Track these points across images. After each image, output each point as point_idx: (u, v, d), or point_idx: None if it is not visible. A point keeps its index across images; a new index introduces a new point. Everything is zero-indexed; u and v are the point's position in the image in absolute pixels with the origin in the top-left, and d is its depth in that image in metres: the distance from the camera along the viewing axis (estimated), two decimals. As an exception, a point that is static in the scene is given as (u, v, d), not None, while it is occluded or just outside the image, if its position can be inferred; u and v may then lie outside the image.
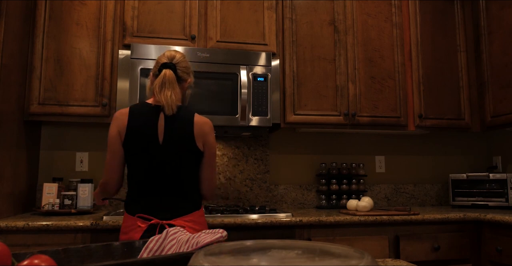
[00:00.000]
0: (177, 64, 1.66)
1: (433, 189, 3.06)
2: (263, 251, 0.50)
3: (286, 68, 2.58)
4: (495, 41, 2.70)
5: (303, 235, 2.14)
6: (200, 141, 1.61)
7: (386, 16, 2.78)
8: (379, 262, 0.93)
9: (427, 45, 2.81)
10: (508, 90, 2.58)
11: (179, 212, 1.56)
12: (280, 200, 2.81)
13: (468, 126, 2.81)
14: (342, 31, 2.69)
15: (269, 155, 2.84)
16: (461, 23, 2.89)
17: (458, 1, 2.91)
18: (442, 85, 2.80)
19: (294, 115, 2.55)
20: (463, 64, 2.85)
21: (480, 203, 2.69)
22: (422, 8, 2.84)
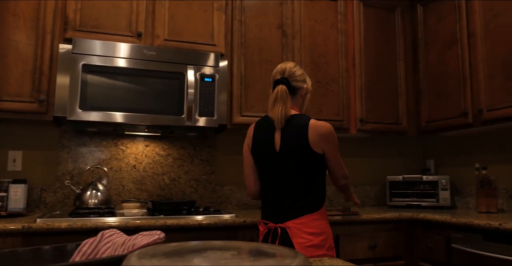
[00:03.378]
0: (289, 76, 1.79)
1: (372, 190, 3.20)
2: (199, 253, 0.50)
3: (234, 70, 2.59)
4: (431, 51, 2.87)
5: (246, 236, 2.15)
6: (317, 145, 1.68)
7: (332, 23, 2.87)
8: (317, 260, 0.96)
9: (369, 52, 2.94)
10: (442, 98, 2.75)
11: (290, 215, 1.65)
12: (225, 201, 2.81)
13: (405, 131, 2.97)
14: (290, 35, 2.74)
15: (215, 156, 2.83)
16: (401, 33, 3.05)
17: (399, 12, 3.07)
18: (382, 91, 2.94)
19: (241, 116, 2.57)
20: (402, 72, 3.01)
21: (414, 203, 2.85)
22: (366, 17, 2.96)
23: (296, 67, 1.81)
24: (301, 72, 1.82)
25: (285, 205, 1.67)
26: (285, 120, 1.70)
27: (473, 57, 2.50)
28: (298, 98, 1.83)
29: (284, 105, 1.70)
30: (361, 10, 2.95)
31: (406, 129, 2.98)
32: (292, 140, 1.68)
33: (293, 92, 1.80)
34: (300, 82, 1.81)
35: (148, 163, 2.68)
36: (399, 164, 3.32)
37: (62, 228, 1.85)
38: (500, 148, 2.68)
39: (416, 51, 3.02)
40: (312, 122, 1.70)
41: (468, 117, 2.52)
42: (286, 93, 1.72)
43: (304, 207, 1.65)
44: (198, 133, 2.61)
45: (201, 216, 2.12)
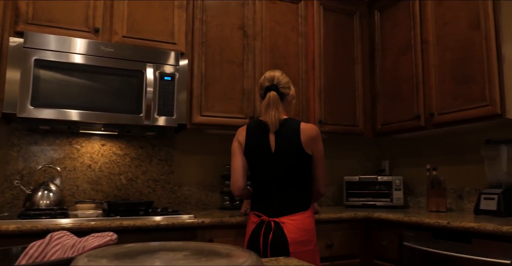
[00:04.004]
0: (278, 83, 1.94)
1: (330, 190, 3.27)
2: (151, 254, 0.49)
3: (195, 69, 2.57)
4: (387, 56, 2.97)
5: (205, 236, 2.14)
6: (308, 146, 1.85)
7: (293, 25, 2.91)
8: (273, 260, 0.96)
9: (329, 55, 3.00)
10: (396, 102, 2.85)
11: (284, 211, 1.81)
12: (184, 201, 2.78)
13: (362, 133, 3.06)
14: (251, 36, 2.75)
15: (174, 156, 2.80)
16: (359, 38, 3.14)
17: (357, 17, 3.16)
18: (340, 93, 3.01)
19: (201, 116, 2.55)
20: (359, 76, 3.10)
21: (369, 203, 2.94)
22: (326, 20, 3.02)
23: (282, 75, 1.97)
24: (287, 80, 1.99)
25: (280, 201, 1.84)
26: (279, 123, 1.87)
27: (426, 63, 2.61)
28: (286, 104, 2.00)
29: (276, 110, 1.87)
30: (321, 14, 3.01)
31: (362, 131, 3.06)
32: (286, 142, 1.85)
33: (281, 98, 1.96)
34: (287, 89, 1.97)
35: (104, 163, 2.60)
36: (356, 165, 3.41)
37: (10, 231, 1.76)
38: (449, 150, 2.82)
39: (373, 55, 3.12)
40: (303, 125, 1.88)
41: (421, 120, 2.63)
42: (277, 99, 1.89)
43: (298, 205, 1.83)
44: (157, 132, 2.57)
45: (158, 217, 2.09)
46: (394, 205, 2.89)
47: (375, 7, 3.12)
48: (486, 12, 2.23)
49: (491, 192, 2.27)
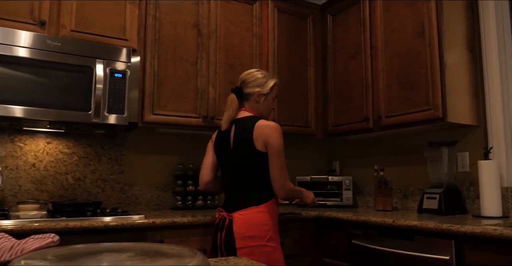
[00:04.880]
0: (243, 83, 2.02)
1: (282, 190, 3.31)
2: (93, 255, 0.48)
3: (147, 67, 2.51)
4: (339, 60, 3.06)
5: (155, 237, 2.10)
6: (259, 142, 1.85)
7: (248, 26, 2.92)
8: (223, 260, 0.96)
9: (283, 57, 3.04)
10: (347, 104, 2.94)
11: (238, 206, 1.85)
12: (134, 202, 2.71)
13: (314, 134, 3.12)
14: (205, 35, 2.73)
15: (124, 155, 2.72)
16: (312, 40, 3.20)
17: (311, 20, 3.22)
18: (293, 95, 3.06)
19: (153, 115, 2.50)
20: (312, 78, 3.16)
21: (320, 203, 3.00)
22: (280, 22, 3.06)
23: (250, 74, 2.02)
24: (255, 79, 2.01)
25: (235, 196, 1.90)
26: (229, 122, 1.96)
27: (375, 67, 2.71)
28: (253, 102, 2.01)
29: (229, 111, 1.97)
30: (276, 16, 3.04)
31: (314, 132, 3.13)
32: (240, 138, 1.90)
33: (246, 97, 2.02)
34: (252, 87, 2.00)
35: (49, 162, 2.49)
36: (308, 165, 3.48)
37: None
38: (396, 151, 2.94)
39: (325, 58, 3.20)
40: (259, 123, 1.89)
41: (369, 122, 2.72)
42: (233, 101, 1.98)
43: (251, 200, 1.84)
44: (107, 131, 2.49)
45: (107, 218, 2.03)
46: (344, 204, 2.98)
47: (328, 11, 3.20)
48: (430, 21, 2.35)
49: (433, 192, 2.40)
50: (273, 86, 2.04)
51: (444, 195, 2.34)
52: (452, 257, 1.80)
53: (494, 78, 2.39)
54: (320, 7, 3.28)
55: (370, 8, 2.79)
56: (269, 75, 2.06)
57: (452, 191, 2.39)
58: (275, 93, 2.08)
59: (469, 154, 2.47)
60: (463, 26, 2.46)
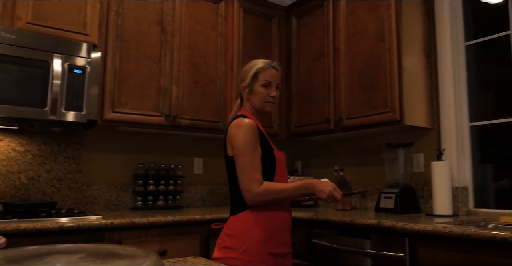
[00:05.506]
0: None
1: (244, 190, 3.31)
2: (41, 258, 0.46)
3: (108, 63, 2.45)
4: (303, 61, 3.10)
5: (113, 238, 2.04)
6: (229, 146, 1.67)
7: (213, 25, 2.90)
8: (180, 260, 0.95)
9: (247, 57, 3.04)
10: (310, 105, 2.99)
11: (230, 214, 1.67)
12: (92, 202, 2.63)
13: (277, 134, 3.15)
14: (169, 32, 2.69)
15: (82, 153, 2.64)
16: (277, 41, 3.23)
17: (276, 21, 3.24)
18: (257, 95, 3.06)
19: (113, 113, 2.44)
20: (276, 78, 3.18)
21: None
22: (245, 22, 3.06)
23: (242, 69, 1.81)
24: (240, 73, 1.81)
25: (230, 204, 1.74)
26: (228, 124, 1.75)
27: (337, 69, 2.77)
28: (245, 100, 1.77)
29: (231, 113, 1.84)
30: (241, 16, 3.04)
31: (277, 132, 3.15)
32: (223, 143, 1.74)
33: (241, 96, 1.79)
34: (240, 82, 1.79)
35: (1, 160, 2.38)
36: (271, 165, 3.50)
37: None
38: (355, 152, 3.01)
39: (289, 59, 3.23)
40: (231, 124, 1.66)
41: (331, 123, 2.78)
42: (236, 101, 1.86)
43: (232, 208, 1.67)
44: (64, 128, 2.41)
45: (63, 218, 1.96)
46: (305, 204, 3.01)
47: (293, 13, 3.23)
48: (390, 26, 2.43)
49: (390, 192, 2.48)
50: (255, 73, 1.72)
51: (400, 195, 2.42)
52: (406, 254, 1.86)
53: (448, 83, 2.50)
54: (285, 8, 3.31)
55: (333, 11, 2.84)
56: (256, 63, 1.76)
57: (407, 190, 2.47)
58: (264, 79, 1.71)
59: (424, 155, 2.56)
60: (420, 32, 2.55)
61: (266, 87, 1.72)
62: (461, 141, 2.45)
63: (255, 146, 1.61)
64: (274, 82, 1.75)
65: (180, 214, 2.35)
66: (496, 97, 2.54)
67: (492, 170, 2.48)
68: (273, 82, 1.74)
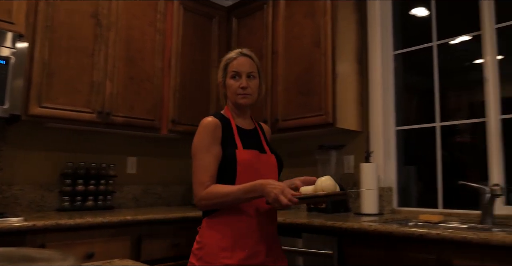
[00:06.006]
0: None
1: (180, 190, 3.27)
2: None
3: (36, 55, 2.30)
4: (241, 62, 3.11)
5: (36, 242, 1.92)
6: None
7: (151, 21, 2.83)
8: (107, 263, 0.92)
9: (186, 55, 3.01)
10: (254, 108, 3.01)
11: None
12: (14, 203, 2.46)
13: (214, 134, 3.14)
14: (105, 26, 2.59)
15: (3, 151, 2.45)
16: (216, 41, 3.22)
17: (216, 21, 3.24)
18: (195, 94, 3.04)
19: (40, 108, 2.29)
20: (215, 78, 3.18)
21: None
22: (185, 20, 3.02)
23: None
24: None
25: None
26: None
27: (275, 72, 2.82)
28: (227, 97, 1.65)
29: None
30: (181, 13, 3.00)
31: (215, 132, 3.14)
32: None
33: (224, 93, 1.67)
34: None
35: None
36: (207, 165, 3.48)
37: None
38: (291, 154, 3.09)
39: (229, 60, 3.23)
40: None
41: (267, 125, 2.82)
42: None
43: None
44: (-17, 123, 2.22)
45: (-22, 221, 1.81)
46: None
47: (234, 14, 3.24)
48: (325, 32, 2.52)
49: (322, 192, 2.56)
50: (224, 65, 1.62)
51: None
52: (335, 251, 1.94)
53: (377, 89, 2.64)
54: (227, 9, 3.31)
55: (273, 14, 2.89)
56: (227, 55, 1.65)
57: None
58: (231, 70, 1.58)
59: (354, 157, 2.69)
60: (354, 40, 2.67)
61: (235, 78, 1.58)
62: (387, 144, 2.60)
63: (208, 146, 1.48)
64: (244, 71, 1.57)
65: (110, 215, 2.27)
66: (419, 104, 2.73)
67: (414, 171, 2.66)
68: (242, 71, 1.57)
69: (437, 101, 2.48)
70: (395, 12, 2.75)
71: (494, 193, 1.97)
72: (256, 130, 1.68)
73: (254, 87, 1.59)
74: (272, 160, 1.60)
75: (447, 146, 2.48)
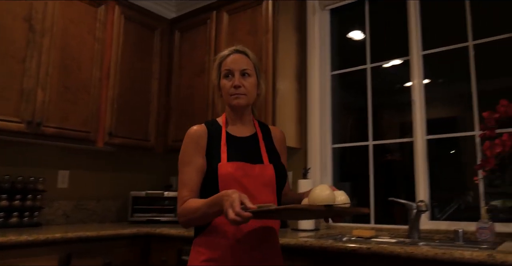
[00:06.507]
0: None
1: (115, 205, 3.14)
2: None
3: (-42, 58, 2.13)
4: (184, 75, 3.10)
5: None
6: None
7: (90, 29, 2.74)
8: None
9: (126, 66, 2.93)
10: (189, 119, 2.98)
11: None
12: None
13: (153, 148, 3.07)
14: (39, 31, 2.46)
15: None
16: (158, 53, 3.17)
17: (159, 33, 3.19)
18: (135, 106, 2.96)
19: (-40, 115, 2.12)
20: (155, 91, 3.12)
21: (154, 219, 2.94)
22: (126, 30, 2.95)
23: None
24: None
25: None
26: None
27: (217, 86, 2.82)
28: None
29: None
30: (122, 23, 2.93)
31: (154, 146, 3.07)
32: None
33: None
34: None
35: None
36: (146, 180, 3.38)
37: None
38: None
39: (171, 72, 3.19)
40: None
41: (208, 139, 2.80)
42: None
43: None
44: None
45: None
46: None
47: (177, 27, 3.22)
48: (267, 50, 2.57)
49: (260, 207, 2.58)
50: (218, 64, 1.49)
51: (269, 210, 2.53)
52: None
53: (315, 107, 2.73)
54: (170, 21, 3.28)
55: (216, 30, 2.91)
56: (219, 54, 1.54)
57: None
58: (225, 68, 1.44)
59: (292, 173, 2.74)
60: (294, 59, 2.76)
61: (228, 77, 1.43)
62: (324, 161, 2.69)
63: (189, 158, 1.38)
64: (237, 69, 1.42)
65: (37, 233, 2.12)
66: (355, 122, 2.86)
67: (349, 187, 2.76)
68: (235, 69, 1.42)
69: (370, 121, 2.61)
70: (333, 35, 2.88)
71: (420, 209, 2.09)
72: (255, 137, 1.49)
73: (249, 86, 1.43)
74: (269, 171, 1.39)
75: (380, 163, 2.61)
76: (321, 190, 1.18)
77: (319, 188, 1.19)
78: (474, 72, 2.29)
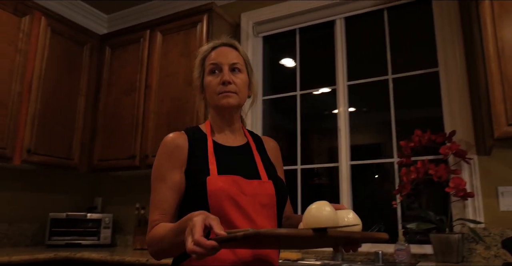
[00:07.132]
0: None
1: (30, 228, 2.91)
2: None
3: None
4: (113, 93, 3.00)
5: None
6: None
7: (12, 40, 2.57)
8: None
9: (50, 81, 2.78)
10: (116, 139, 2.88)
11: None
12: None
13: (76, 167, 2.91)
14: (-49, 40, 2.27)
15: None
16: (87, 69, 3.05)
17: (88, 48, 3.08)
18: (58, 123, 2.80)
19: None
20: (81, 108, 2.98)
21: (74, 242, 2.77)
22: (52, 43, 2.81)
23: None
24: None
25: None
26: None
27: (147, 106, 2.77)
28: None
29: None
30: (48, 36, 2.79)
31: (77, 165, 2.91)
32: None
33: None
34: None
35: None
36: (67, 201, 3.18)
37: None
38: (159, 189, 3.00)
39: (99, 90, 3.07)
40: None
41: (136, 160, 2.72)
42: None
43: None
44: None
45: None
46: (101, 243, 2.82)
47: (108, 43, 3.13)
48: (201, 72, 2.58)
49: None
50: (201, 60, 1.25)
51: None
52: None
53: (247, 130, 2.76)
54: (100, 37, 3.18)
55: (149, 49, 2.87)
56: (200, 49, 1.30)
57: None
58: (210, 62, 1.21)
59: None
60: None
61: (215, 73, 1.20)
62: (254, 183, 2.71)
63: (164, 173, 1.12)
64: (225, 62, 1.19)
65: None
66: (286, 146, 2.92)
67: (278, 210, 2.79)
68: (223, 63, 1.19)
69: (298, 145, 2.69)
70: (266, 61, 2.96)
71: (343, 232, 2.16)
72: (247, 147, 1.23)
73: (240, 84, 1.19)
74: (268, 189, 1.13)
75: (308, 186, 2.69)
76: (318, 209, 0.89)
77: (316, 205, 0.90)
78: (393, 103, 2.45)
